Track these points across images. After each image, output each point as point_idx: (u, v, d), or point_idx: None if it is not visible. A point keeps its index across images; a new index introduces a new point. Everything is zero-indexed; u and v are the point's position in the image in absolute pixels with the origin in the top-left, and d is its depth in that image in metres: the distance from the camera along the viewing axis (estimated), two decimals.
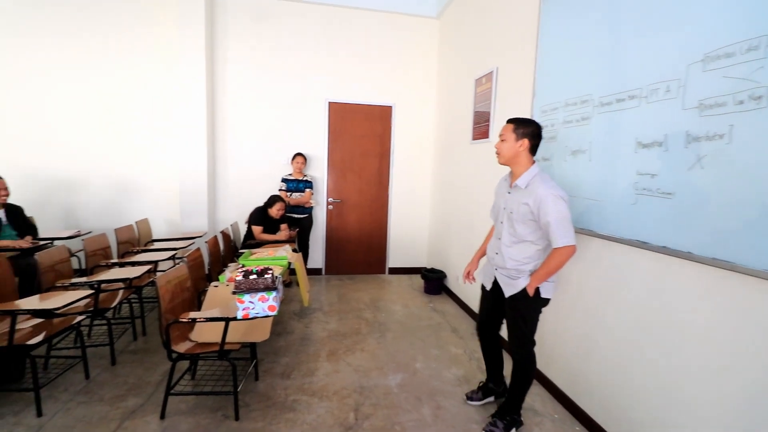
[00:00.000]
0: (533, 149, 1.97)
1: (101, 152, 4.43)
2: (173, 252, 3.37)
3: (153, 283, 2.62)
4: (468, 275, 2.34)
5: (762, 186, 1.34)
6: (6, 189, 3.24)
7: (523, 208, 1.92)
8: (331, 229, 5.07)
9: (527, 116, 2.74)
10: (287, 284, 4.47)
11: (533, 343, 2.06)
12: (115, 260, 3.24)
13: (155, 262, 3.12)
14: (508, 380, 2.33)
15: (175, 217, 4.59)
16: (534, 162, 1.98)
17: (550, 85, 2.58)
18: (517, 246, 1.99)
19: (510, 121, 2.01)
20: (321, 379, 2.61)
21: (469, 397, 2.40)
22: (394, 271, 5.29)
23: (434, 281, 4.50)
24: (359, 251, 5.18)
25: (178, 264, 2.54)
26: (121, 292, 2.91)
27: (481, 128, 3.64)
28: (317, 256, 5.04)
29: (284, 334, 3.24)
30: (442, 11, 4.76)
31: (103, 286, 2.66)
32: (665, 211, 1.71)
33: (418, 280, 4.89)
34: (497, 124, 3.33)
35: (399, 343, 3.20)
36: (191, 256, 2.81)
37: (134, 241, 3.86)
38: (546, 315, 2.53)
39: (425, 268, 4.82)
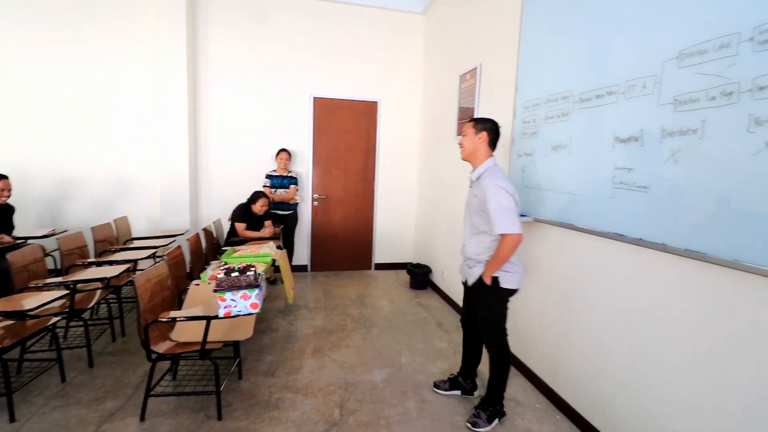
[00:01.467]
0: (492, 143, 2.08)
1: (82, 149, 4.29)
2: (153, 250, 3.30)
3: (132, 283, 2.56)
4: None
5: (731, 179, 1.38)
6: (9, 190, 3.19)
7: (474, 200, 2.06)
8: (316, 225, 5.04)
9: (509, 112, 2.80)
10: (272, 281, 4.44)
11: (504, 334, 2.11)
12: (92, 259, 3.16)
13: (134, 261, 3.05)
14: (479, 380, 2.39)
15: (156, 214, 4.49)
16: (491, 156, 2.08)
17: (533, 81, 2.60)
18: (475, 237, 2.10)
19: (470, 120, 2.15)
20: (306, 376, 2.59)
21: (436, 385, 2.49)
22: (380, 266, 5.29)
23: (420, 276, 4.52)
24: (345, 247, 5.16)
25: (158, 262, 2.49)
26: (98, 292, 2.84)
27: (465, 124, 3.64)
28: (302, 253, 5.00)
29: (268, 332, 3.22)
30: (428, 7, 4.75)
31: (79, 286, 2.60)
32: (641, 205, 1.75)
33: (404, 276, 4.90)
34: None
35: (385, 338, 3.20)
36: (171, 254, 2.76)
37: (112, 240, 3.76)
38: (523, 305, 2.61)
39: (411, 263, 4.83)
